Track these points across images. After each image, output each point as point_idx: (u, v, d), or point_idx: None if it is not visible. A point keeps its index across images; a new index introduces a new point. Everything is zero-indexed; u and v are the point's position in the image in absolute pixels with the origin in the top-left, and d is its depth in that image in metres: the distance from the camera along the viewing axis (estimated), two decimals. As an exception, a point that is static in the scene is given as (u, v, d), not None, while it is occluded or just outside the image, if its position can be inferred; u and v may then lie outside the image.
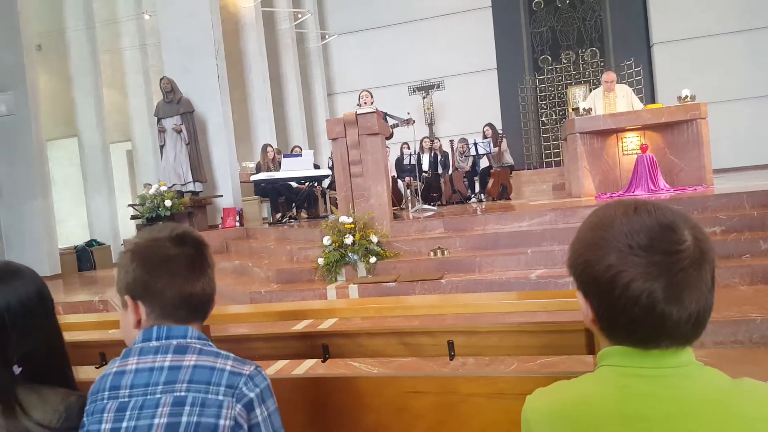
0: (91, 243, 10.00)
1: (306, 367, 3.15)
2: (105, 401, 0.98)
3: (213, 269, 1.10)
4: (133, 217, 8.47)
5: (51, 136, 10.53)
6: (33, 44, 9.25)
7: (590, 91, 11.73)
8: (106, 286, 7.25)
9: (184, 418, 0.96)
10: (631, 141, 7.16)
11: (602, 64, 14.45)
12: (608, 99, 7.46)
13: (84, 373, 1.78)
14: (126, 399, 0.98)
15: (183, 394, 0.97)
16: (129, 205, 9.57)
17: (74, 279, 8.47)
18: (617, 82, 7.66)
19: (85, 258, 9.54)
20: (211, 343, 1.05)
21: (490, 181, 9.19)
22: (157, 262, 1.02)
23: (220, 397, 0.97)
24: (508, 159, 9.53)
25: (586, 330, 1.63)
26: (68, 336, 1.22)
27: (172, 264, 1.03)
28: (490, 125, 9.72)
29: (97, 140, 10.61)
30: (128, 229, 11.10)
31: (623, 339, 0.76)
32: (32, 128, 8.75)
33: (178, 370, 0.99)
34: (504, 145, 9.48)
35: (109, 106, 11.26)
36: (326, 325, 3.73)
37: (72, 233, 10.82)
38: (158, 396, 0.97)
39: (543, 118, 15.13)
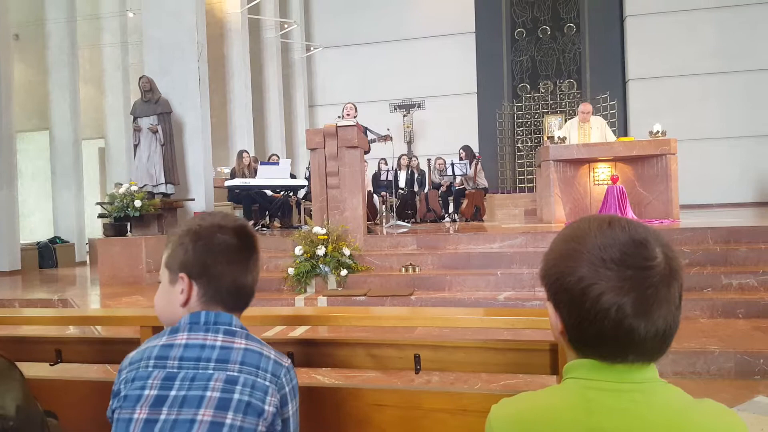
0: (54, 240, 9.71)
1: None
2: (150, 369, 1.00)
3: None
4: (101, 216, 8.27)
5: (22, 128, 10.26)
6: (10, 33, 9.05)
7: (566, 120, 12.05)
8: (67, 285, 7.03)
9: (236, 396, 0.98)
10: (603, 171, 7.33)
11: (578, 95, 14.84)
12: (583, 129, 7.65)
13: (36, 370, 1.72)
14: (175, 370, 1.00)
15: (236, 374, 1.00)
16: (97, 203, 9.34)
17: (34, 276, 8.19)
18: (593, 114, 7.86)
19: (47, 255, 9.26)
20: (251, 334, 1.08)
21: (464, 202, 9.29)
22: (220, 247, 1.06)
23: (267, 383, 1.00)
24: (482, 181, 9.65)
25: (551, 350, 1.65)
26: (24, 330, 1.18)
27: (232, 253, 1.07)
28: (465, 148, 9.86)
29: (69, 135, 10.37)
30: (94, 228, 10.84)
31: (590, 352, 0.77)
32: (2, 118, 8.52)
33: (230, 351, 1.01)
34: (479, 167, 9.61)
35: (84, 101, 11.05)
36: (295, 333, 3.68)
37: (36, 229, 10.51)
38: (210, 372, 0.99)
39: (519, 144, 15.41)
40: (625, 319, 0.72)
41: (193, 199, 9.46)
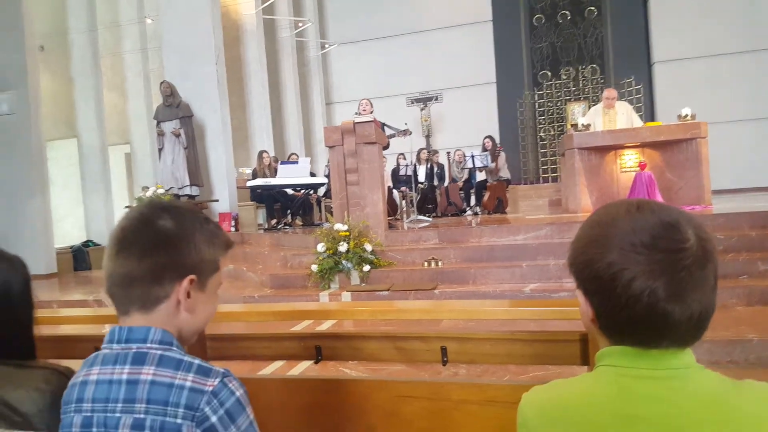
0: (87, 243, 9.95)
1: (300, 369, 3.13)
2: (71, 414, 0.91)
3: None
4: (129, 220, 8.42)
5: (51, 136, 10.50)
6: (36, 45, 9.27)
7: (589, 107, 11.83)
8: (101, 286, 7.20)
9: None
10: (630, 158, 7.19)
11: (602, 81, 14.55)
12: (608, 116, 7.50)
13: (76, 368, 1.77)
14: (89, 414, 0.89)
15: (142, 416, 0.86)
16: (126, 207, 9.53)
17: (70, 278, 8.42)
18: (618, 100, 7.71)
19: (81, 258, 9.49)
20: (174, 347, 0.91)
21: (486, 195, 9.20)
22: (110, 242, 0.94)
23: (179, 421, 0.85)
24: (505, 173, 9.55)
25: (581, 340, 1.63)
26: (63, 330, 1.20)
27: (113, 243, 0.93)
28: (491, 137, 9.75)
29: (96, 142, 10.59)
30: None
31: (623, 338, 0.76)
32: (32, 128, 8.73)
33: (136, 386, 0.87)
34: (502, 159, 9.51)
35: (109, 108, 11.26)
36: (322, 328, 3.71)
37: (69, 233, 10.74)
38: (117, 415, 0.87)
39: (541, 134, 15.20)
40: (658, 304, 0.71)
41: (218, 200, 9.59)
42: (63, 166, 11.46)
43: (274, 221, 8.55)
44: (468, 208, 9.62)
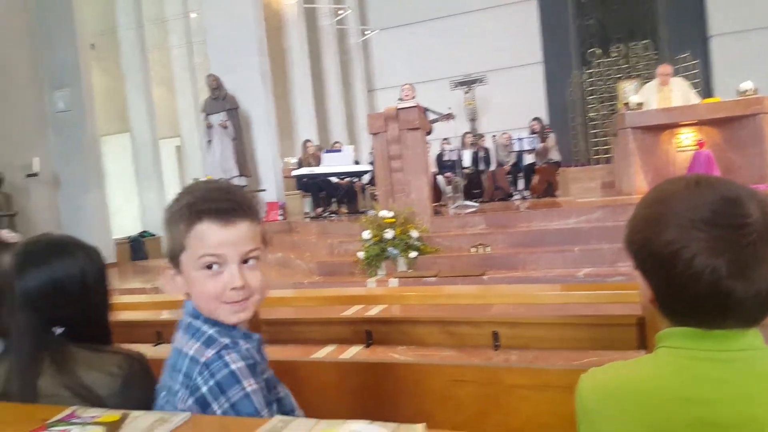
0: (143, 234, 10.36)
1: (351, 353, 3.16)
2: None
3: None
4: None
5: (105, 131, 10.93)
6: (87, 43, 9.63)
7: (642, 85, 11.33)
8: (157, 275, 7.51)
9: (160, 402, 0.94)
10: (687, 137, 6.87)
11: (655, 57, 13.91)
12: (663, 93, 7.17)
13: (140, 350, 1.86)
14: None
15: (165, 377, 0.95)
16: (177, 199, 9.81)
17: (128, 268, 8.80)
18: (673, 75, 7.36)
19: (137, 248, 9.91)
20: (201, 319, 0.94)
21: (535, 178, 9.00)
22: None
23: (177, 386, 0.90)
24: (555, 155, 9.30)
25: (638, 324, 1.57)
26: (126, 315, 1.25)
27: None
28: (538, 119, 9.51)
29: (147, 136, 10.96)
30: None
31: (684, 319, 0.74)
32: (87, 124, 9.11)
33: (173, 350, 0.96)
34: (551, 140, 9.27)
35: (158, 102, 11.61)
36: (372, 313, 3.73)
37: (125, 225, 11.21)
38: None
39: (591, 114, 14.71)
40: (721, 282, 0.68)
41: (265, 190, 9.76)
42: (117, 160, 11.94)
43: (319, 209, 8.65)
44: (516, 193, 9.45)
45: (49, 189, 9.14)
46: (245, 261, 0.94)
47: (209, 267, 0.92)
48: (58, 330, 1.06)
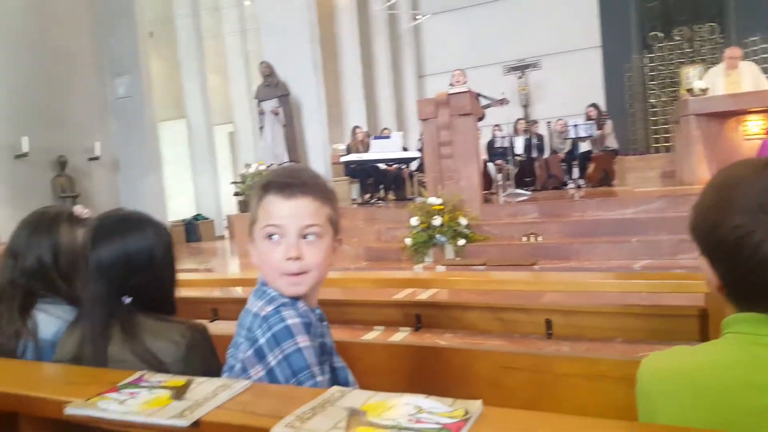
0: (197, 217, 10.72)
1: (400, 336, 3.17)
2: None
3: None
4: (235, 194, 8.96)
5: (162, 117, 11.32)
6: (146, 31, 9.97)
7: (706, 70, 10.77)
8: (211, 256, 7.78)
9: (228, 358, 1.03)
10: (755, 124, 6.48)
11: (722, 41, 13.13)
12: (731, 78, 6.78)
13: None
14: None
15: (235, 335, 1.04)
16: (231, 183, 10.12)
17: (183, 249, 9.13)
18: (742, 59, 6.95)
19: (192, 231, 10.27)
20: (265, 286, 1.03)
21: (591, 166, 8.73)
22: None
23: (241, 340, 1.00)
24: (612, 143, 8.98)
25: (700, 315, 1.50)
26: (184, 293, 1.29)
27: None
28: (595, 106, 9.19)
29: (202, 122, 11.29)
30: (230, 205, 11.76)
31: (752, 305, 0.72)
32: (146, 110, 9.47)
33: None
34: (608, 127, 8.95)
35: (212, 89, 11.92)
36: (422, 297, 3.73)
37: (180, 208, 11.62)
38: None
39: (651, 100, 14.07)
40: None
41: (314, 176, 9.88)
42: (174, 146, 12.36)
43: (367, 196, 8.69)
44: (570, 181, 9.20)
45: (109, 172, 9.58)
46: (305, 236, 1.00)
47: (271, 237, 1.00)
48: (127, 299, 1.12)
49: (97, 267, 1.11)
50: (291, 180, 1.00)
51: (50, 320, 1.21)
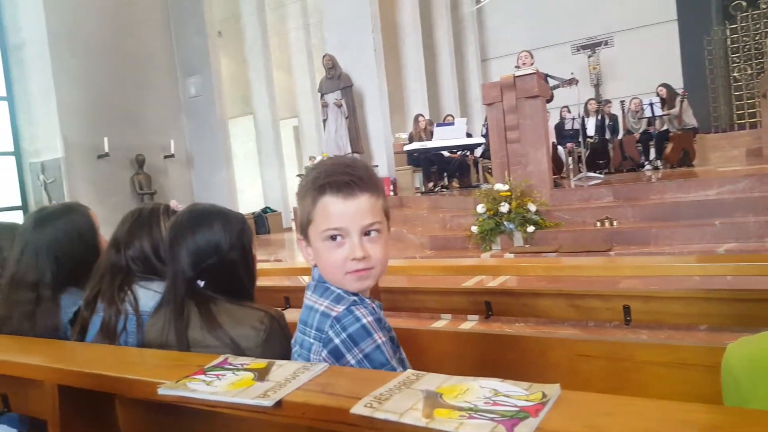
0: (265, 210, 11.07)
1: (469, 324, 3.15)
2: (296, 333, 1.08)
3: None
4: (300, 187, 9.16)
5: (231, 114, 11.74)
6: (215, 31, 10.34)
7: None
8: (279, 247, 8.01)
9: (295, 356, 1.02)
10: None
11: (814, 6, 12.04)
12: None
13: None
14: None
15: (297, 333, 1.03)
16: (297, 176, 10.37)
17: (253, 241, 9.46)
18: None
19: (261, 223, 10.61)
20: (324, 281, 1.02)
21: (669, 146, 8.26)
22: None
23: (311, 340, 0.97)
24: (691, 121, 8.45)
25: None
26: (258, 282, 1.35)
27: None
28: (665, 85, 8.68)
29: (268, 117, 11.60)
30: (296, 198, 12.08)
31: None
32: (216, 108, 9.85)
33: (303, 308, 1.04)
34: (685, 105, 8.43)
35: (278, 85, 12.21)
36: (492, 284, 3.68)
37: (250, 201, 12.05)
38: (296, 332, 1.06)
39: (735, 74, 13.10)
40: None
41: (377, 166, 9.95)
42: (242, 141, 12.81)
43: (431, 184, 8.65)
44: (647, 163, 8.75)
45: (183, 169, 10.06)
46: (367, 233, 0.98)
47: (333, 238, 0.98)
48: (201, 283, 1.20)
49: (171, 253, 1.21)
50: (348, 178, 0.97)
51: (149, 294, 1.32)
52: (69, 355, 1.22)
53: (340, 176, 0.97)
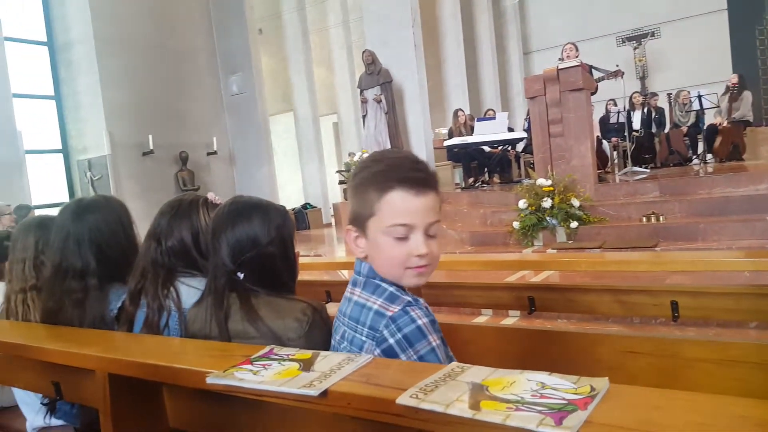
0: (305, 206, 11.22)
1: (512, 319, 3.12)
2: (336, 324, 1.08)
3: None
4: (341, 183, 9.25)
5: (272, 111, 11.93)
6: (256, 29, 10.52)
7: None
8: (319, 243, 8.11)
9: (342, 351, 1.02)
10: None
11: None
12: None
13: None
14: (337, 323, 1.07)
15: (345, 328, 1.02)
16: (336, 172, 10.47)
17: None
18: None
19: (301, 219, 10.77)
20: (376, 278, 1.01)
21: (718, 140, 7.94)
22: None
23: (363, 338, 0.97)
24: (748, 113, 8.11)
25: None
26: (300, 276, 1.37)
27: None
28: (740, 75, 8.40)
29: (308, 114, 11.74)
30: (336, 193, 12.18)
31: None
32: (257, 105, 10.03)
33: (348, 303, 1.03)
34: (747, 96, 8.10)
35: (318, 82, 12.33)
36: (536, 280, 3.63)
37: (290, 197, 12.23)
38: (338, 324, 1.06)
39: (788, 65, 12.48)
40: None
41: (417, 161, 9.93)
42: (283, 138, 13.00)
43: (471, 180, 8.57)
44: (695, 157, 8.44)
45: (225, 165, 10.30)
46: (428, 230, 0.98)
47: (399, 233, 0.97)
48: (240, 275, 1.22)
49: (213, 245, 1.24)
50: (422, 175, 0.97)
51: (191, 291, 1.33)
52: (119, 346, 1.26)
53: (414, 172, 0.97)
